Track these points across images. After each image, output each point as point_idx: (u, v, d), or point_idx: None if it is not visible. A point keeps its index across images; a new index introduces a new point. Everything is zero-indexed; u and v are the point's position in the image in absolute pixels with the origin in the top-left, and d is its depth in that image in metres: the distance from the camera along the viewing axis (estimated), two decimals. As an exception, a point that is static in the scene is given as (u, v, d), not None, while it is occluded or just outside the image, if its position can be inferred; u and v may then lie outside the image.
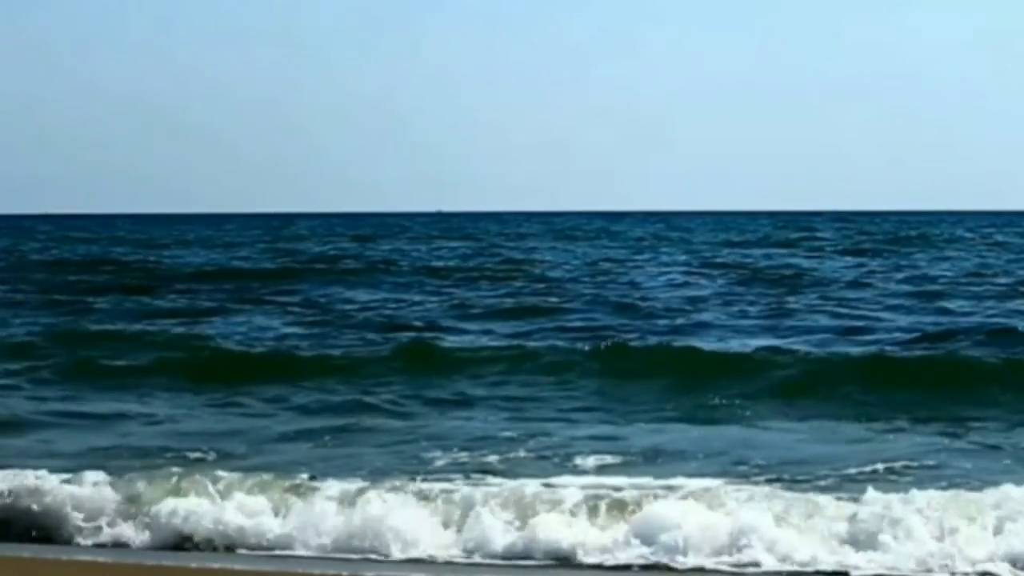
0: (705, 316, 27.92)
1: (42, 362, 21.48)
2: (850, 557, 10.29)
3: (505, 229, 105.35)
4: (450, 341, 23.44)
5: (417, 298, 33.64)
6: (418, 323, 27.27)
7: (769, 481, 12.65)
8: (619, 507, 11.10)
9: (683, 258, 53.86)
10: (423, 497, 11.55)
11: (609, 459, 13.97)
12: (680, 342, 22.78)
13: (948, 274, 40.87)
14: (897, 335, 23.87)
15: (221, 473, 12.25)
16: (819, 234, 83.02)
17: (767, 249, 61.41)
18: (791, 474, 13.06)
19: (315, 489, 11.90)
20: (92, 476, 12.17)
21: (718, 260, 51.25)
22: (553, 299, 32.43)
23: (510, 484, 12.12)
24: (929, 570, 10.10)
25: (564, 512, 11.08)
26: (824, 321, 26.52)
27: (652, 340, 23.31)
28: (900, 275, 40.39)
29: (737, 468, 13.42)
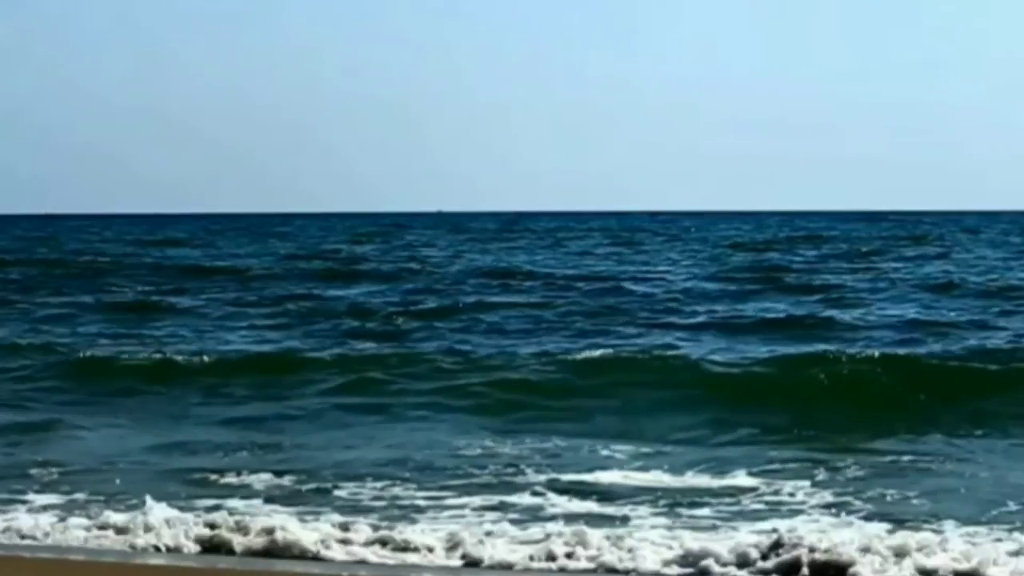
0: (700, 318, 27.81)
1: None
2: None
3: (503, 229, 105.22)
4: (418, 346, 23.15)
5: (402, 297, 33.51)
6: (392, 322, 27.13)
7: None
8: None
9: (682, 258, 53.76)
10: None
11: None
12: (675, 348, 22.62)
13: (954, 272, 40.74)
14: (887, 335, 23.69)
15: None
16: (821, 234, 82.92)
17: (767, 248, 61.35)
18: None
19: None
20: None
21: (721, 260, 51.23)
22: (544, 297, 32.32)
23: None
24: None
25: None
26: (819, 319, 26.40)
27: (650, 345, 23.14)
28: (899, 275, 40.29)
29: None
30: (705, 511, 12.24)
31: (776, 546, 10.22)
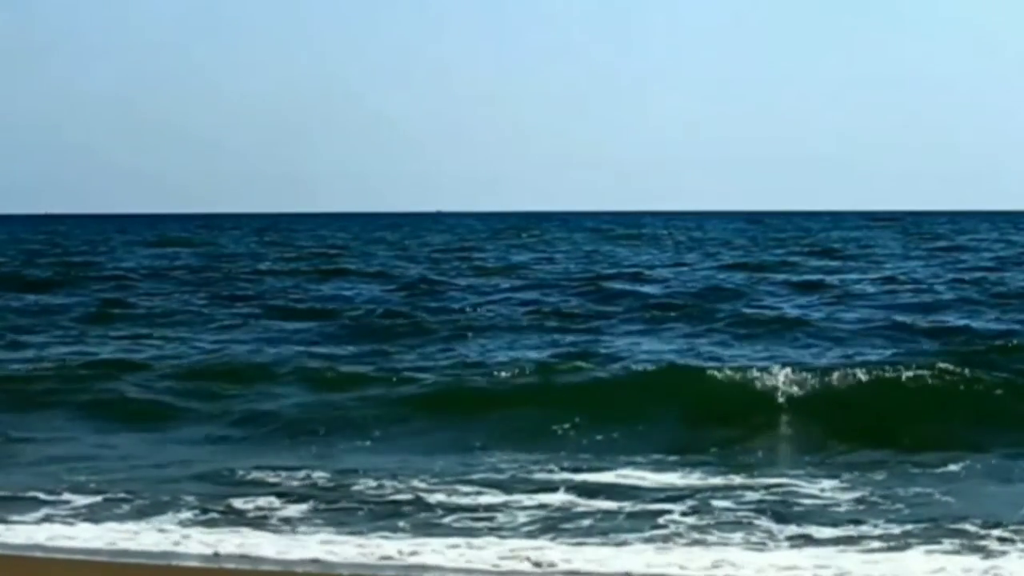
0: (696, 317, 27.42)
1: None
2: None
3: (499, 229, 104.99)
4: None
5: (401, 298, 33.16)
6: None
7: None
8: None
9: (683, 257, 53.55)
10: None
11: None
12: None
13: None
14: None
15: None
16: (822, 234, 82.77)
17: (766, 247, 61.13)
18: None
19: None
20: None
21: (718, 259, 50.99)
22: (540, 294, 32.01)
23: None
24: None
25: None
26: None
27: (645, 347, 22.75)
28: (900, 274, 39.98)
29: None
30: (731, 504, 12.26)
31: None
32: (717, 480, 13.38)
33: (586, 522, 11.76)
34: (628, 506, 12.33)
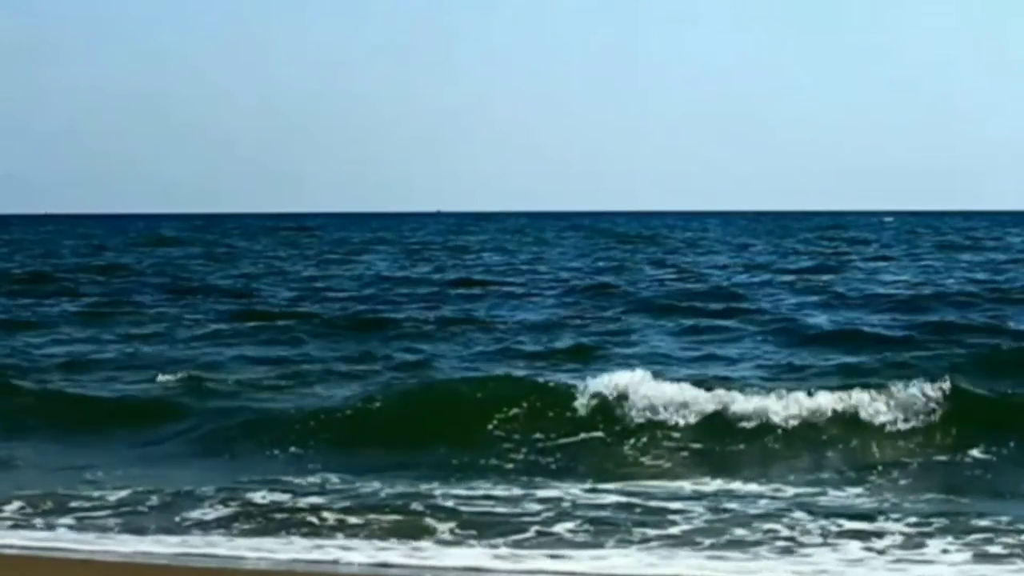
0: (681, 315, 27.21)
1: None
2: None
3: (495, 230, 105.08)
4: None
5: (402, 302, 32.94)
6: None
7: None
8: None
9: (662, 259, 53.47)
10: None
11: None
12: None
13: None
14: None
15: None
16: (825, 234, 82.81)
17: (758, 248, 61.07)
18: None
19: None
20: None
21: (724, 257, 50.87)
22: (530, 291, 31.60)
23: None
24: None
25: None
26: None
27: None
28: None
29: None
30: (748, 509, 12.22)
31: None
32: (733, 486, 13.30)
33: (595, 524, 11.64)
34: (641, 508, 12.26)
